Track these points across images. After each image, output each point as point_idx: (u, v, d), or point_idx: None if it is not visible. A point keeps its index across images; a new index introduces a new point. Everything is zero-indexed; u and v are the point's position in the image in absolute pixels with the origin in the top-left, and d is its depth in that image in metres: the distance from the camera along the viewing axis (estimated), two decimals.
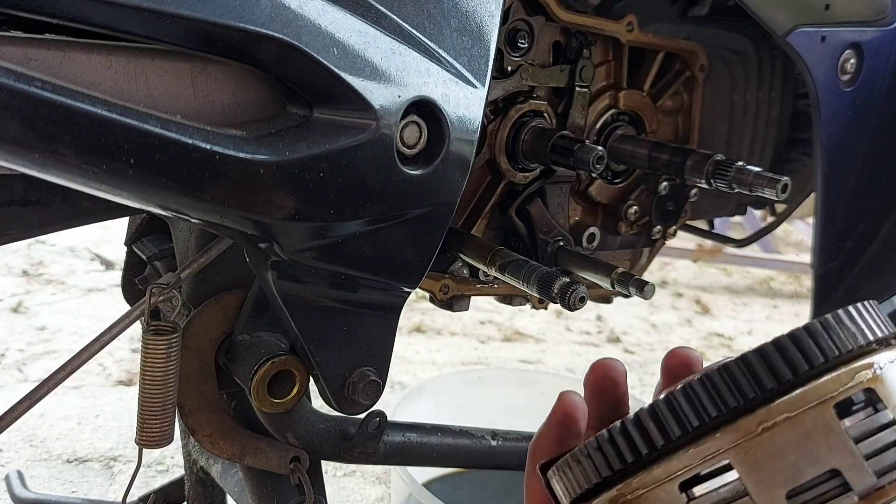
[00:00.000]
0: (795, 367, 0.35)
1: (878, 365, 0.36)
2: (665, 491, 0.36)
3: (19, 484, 1.38)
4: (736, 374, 0.35)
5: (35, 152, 0.45)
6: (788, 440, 0.34)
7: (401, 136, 0.57)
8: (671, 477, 0.36)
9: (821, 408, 0.34)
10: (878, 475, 0.34)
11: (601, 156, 0.78)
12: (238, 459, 0.83)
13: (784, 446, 0.34)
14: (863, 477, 0.33)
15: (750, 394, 0.35)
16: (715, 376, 0.36)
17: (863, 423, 0.35)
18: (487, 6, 0.62)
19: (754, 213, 2.46)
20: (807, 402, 0.34)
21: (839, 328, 0.36)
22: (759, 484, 0.34)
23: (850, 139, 0.96)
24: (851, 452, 0.34)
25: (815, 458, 0.34)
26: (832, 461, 0.34)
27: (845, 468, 0.34)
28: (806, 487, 0.34)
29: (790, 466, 0.34)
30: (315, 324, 0.66)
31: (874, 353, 0.36)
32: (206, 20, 0.48)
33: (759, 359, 0.35)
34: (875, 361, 0.36)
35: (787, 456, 0.34)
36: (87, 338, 0.71)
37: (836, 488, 0.34)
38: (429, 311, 2.93)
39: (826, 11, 0.88)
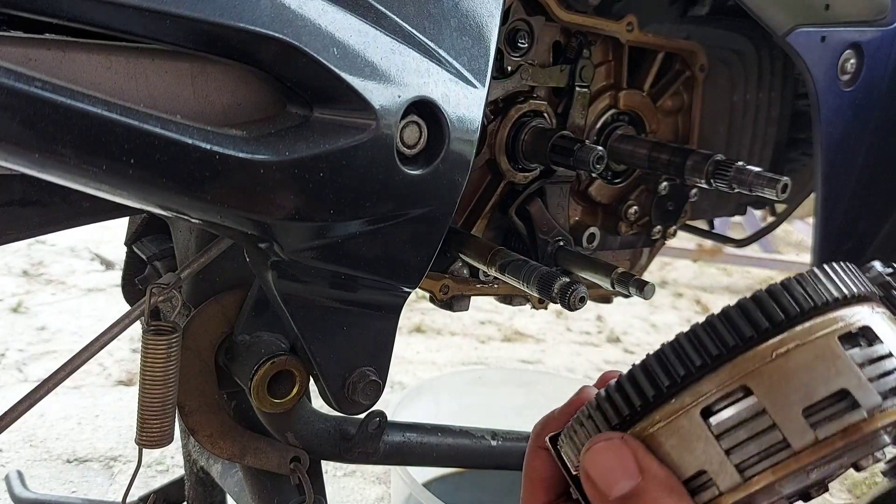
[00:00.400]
0: (802, 305, 0.38)
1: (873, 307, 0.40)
2: (688, 418, 0.38)
3: (19, 484, 1.38)
4: (750, 310, 0.38)
5: (35, 152, 0.45)
6: (801, 364, 0.37)
7: (401, 136, 0.57)
8: (693, 404, 0.38)
9: (827, 337, 0.38)
10: (883, 396, 0.37)
11: (601, 156, 0.78)
12: (238, 459, 0.83)
13: (797, 369, 0.37)
14: (869, 396, 0.37)
15: (763, 325, 0.38)
16: (732, 312, 0.39)
17: (864, 353, 0.38)
18: (487, 6, 0.62)
19: (754, 213, 2.46)
20: (815, 332, 0.38)
21: (838, 275, 0.40)
22: (777, 403, 0.37)
23: (850, 139, 0.96)
24: (857, 375, 0.37)
25: (825, 379, 0.37)
26: (840, 381, 0.37)
27: (853, 388, 0.37)
28: (820, 406, 0.37)
29: (803, 387, 0.37)
30: (315, 324, 0.66)
31: (866, 302, 0.40)
32: (206, 20, 0.48)
33: (770, 296, 0.39)
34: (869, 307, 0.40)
35: (801, 377, 0.37)
36: (87, 338, 0.71)
37: (846, 406, 0.37)
38: (429, 311, 2.93)
39: (826, 11, 0.88)
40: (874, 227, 1.06)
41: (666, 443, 0.39)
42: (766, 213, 1.52)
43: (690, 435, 0.38)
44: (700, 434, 0.38)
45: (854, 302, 0.40)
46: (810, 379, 0.37)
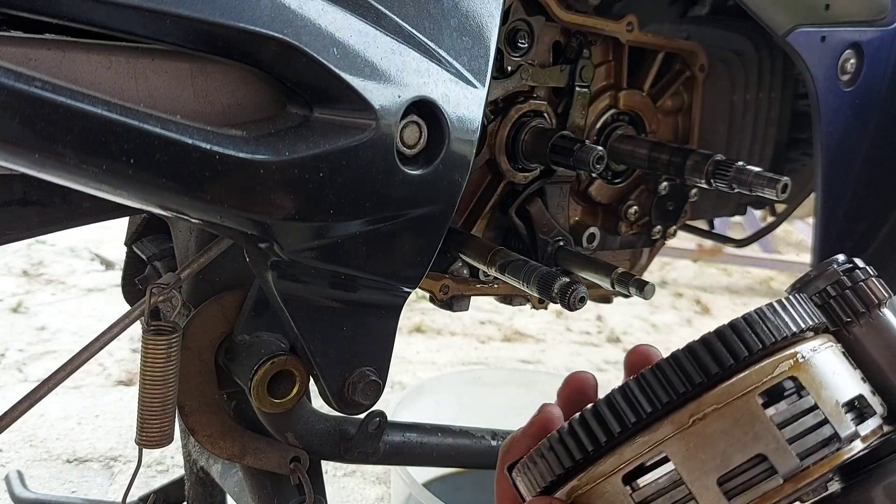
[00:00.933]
0: (721, 361, 0.37)
1: (801, 354, 0.38)
2: (610, 483, 0.39)
3: (19, 484, 1.38)
4: (667, 372, 0.38)
5: (35, 152, 0.45)
6: (717, 430, 0.37)
7: (401, 136, 0.57)
8: (615, 471, 0.38)
9: (746, 398, 0.37)
10: (801, 457, 0.36)
11: (601, 156, 0.78)
12: (238, 459, 0.83)
13: (714, 436, 0.37)
14: (787, 460, 0.36)
15: (681, 388, 0.37)
16: (648, 374, 0.38)
17: (787, 409, 0.37)
18: (487, 6, 0.62)
19: (754, 213, 2.46)
20: (733, 394, 0.37)
21: (763, 322, 0.38)
22: (693, 472, 0.37)
23: (850, 139, 0.96)
24: (775, 437, 0.36)
25: (742, 444, 0.36)
26: (758, 447, 0.36)
27: (770, 452, 0.36)
28: (735, 473, 0.36)
29: (720, 454, 0.36)
30: (315, 324, 0.66)
31: (798, 344, 0.39)
32: (206, 20, 0.48)
33: (688, 355, 0.38)
34: (799, 351, 0.39)
35: (717, 444, 0.36)
36: (87, 338, 0.71)
37: (762, 472, 0.36)
38: (429, 311, 2.93)
39: (826, 11, 0.88)
40: (874, 227, 1.06)
41: None
42: (766, 213, 1.52)
43: (614, 500, 0.39)
44: (622, 501, 0.38)
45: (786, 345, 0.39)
46: (727, 445, 0.36)
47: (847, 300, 0.44)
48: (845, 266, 0.45)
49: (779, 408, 0.37)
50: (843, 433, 0.37)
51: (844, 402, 0.38)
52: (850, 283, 0.44)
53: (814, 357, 0.39)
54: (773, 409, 0.37)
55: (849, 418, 0.38)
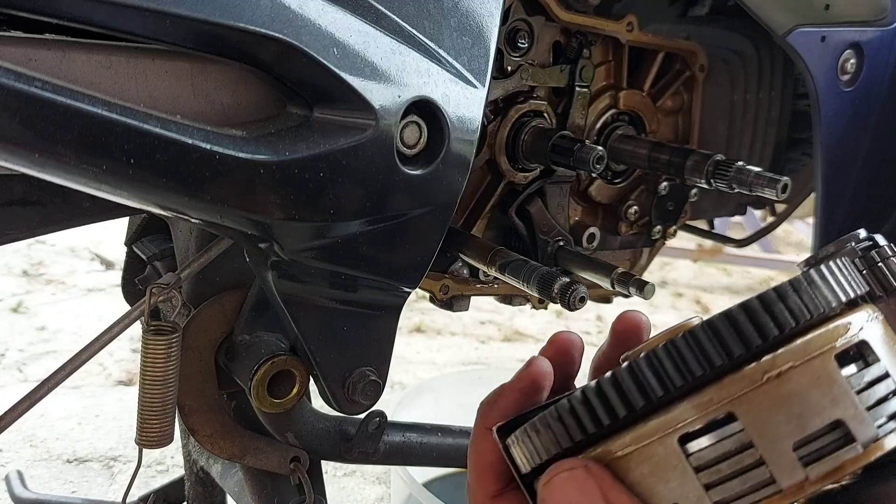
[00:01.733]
0: (797, 315, 0.34)
1: (869, 317, 0.36)
2: (663, 445, 0.34)
3: (19, 484, 1.38)
4: (740, 321, 0.34)
5: (35, 152, 0.45)
6: (794, 390, 0.33)
7: (401, 136, 0.57)
8: (670, 430, 0.34)
9: (823, 357, 0.34)
10: (878, 426, 0.33)
11: (601, 156, 0.78)
12: (238, 459, 0.83)
13: (790, 396, 0.33)
14: (865, 428, 0.33)
15: (755, 341, 0.33)
16: (718, 322, 0.34)
17: (860, 374, 0.34)
18: (487, 6, 0.62)
19: (754, 213, 2.46)
20: (810, 352, 0.33)
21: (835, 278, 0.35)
22: (765, 435, 0.33)
23: (850, 139, 0.96)
24: (854, 404, 0.33)
25: (819, 408, 0.33)
26: (836, 412, 0.33)
27: (849, 419, 0.33)
28: (812, 438, 0.33)
29: (796, 416, 0.33)
30: (315, 324, 0.66)
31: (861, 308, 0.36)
32: (206, 20, 0.48)
33: (762, 306, 0.34)
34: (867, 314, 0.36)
35: (794, 406, 0.33)
36: (87, 338, 0.71)
37: (840, 439, 0.33)
38: (429, 311, 2.93)
39: (826, 11, 0.88)
40: (874, 227, 1.06)
41: (636, 470, 0.34)
42: (766, 213, 1.52)
43: (665, 464, 0.34)
44: (676, 465, 0.34)
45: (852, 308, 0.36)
46: (804, 408, 0.33)
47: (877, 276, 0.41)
48: (867, 242, 0.42)
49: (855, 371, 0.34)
50: None
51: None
52: (878, 259, 0.41)
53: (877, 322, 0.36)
54: (851, 370, 0.34)
55: None
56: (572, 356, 0.48)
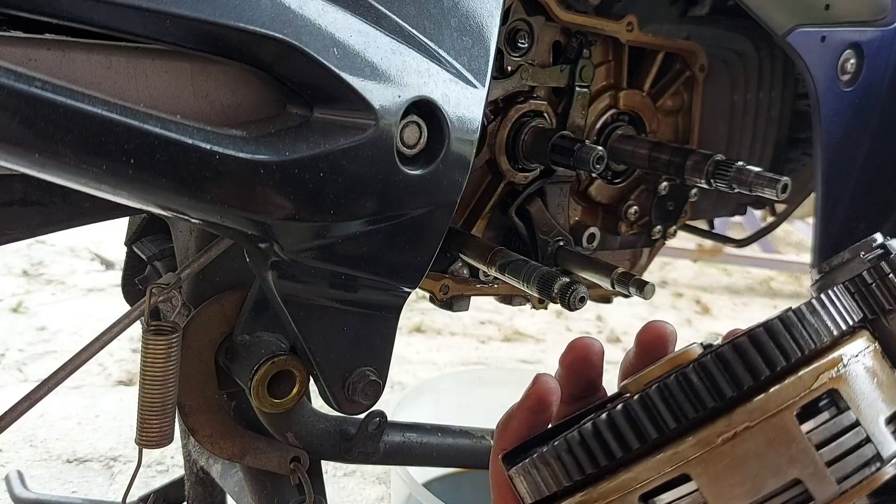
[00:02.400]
0: (756, 372, 0.33)
1: (842, 363, 0.34)
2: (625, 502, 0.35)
3: (19, 484, 1.38)
4: (694, 382, 0.34)
5: (35, 152, 0.45)
6: (749, 451, 0.33)
7: (401, 136, 0.57)
8: (631, 489, 0.35)
9: (782, 415, 0.33)
10: (839, 481, 0.33)
11: (601, 156, 0.78)
12: (238, 459, 0.83)
13: (745, 457, 0.33)
14: (824, 485, 0.32)
15: (709, 402, 0.33)
16: (673, 385, 0.34)
17: (825, 427, 0.33)
18: (487, 6, 0.62)
19: (754, 213, 2.46)
20: (768, 410, 0.33)
21: (802, 324, 0.34)
22: (720, 497, 0.33)
23: (850, 139, 0.96)
24: (813, 461, 0.33)
25: (776, 468, 0.33)
26: (793, 471, 0.33)
27: (807, 477, 0.32)
28: (767, 499, 0.33)
29: (751, 478, 0.33)
30: (315, 324, 0.66)
31: (838, 348, 0.35)
32: (206, 20, 0.48)
33: (718, 364, 0.34)
34: (841, 357, 0.35)
35: (748, 467, 0.33)
36: (87, 338, 0.71)
37: (796, 497, 0.33)
38: (429, 311, 2.93)
39: (826, 11, 0.88)
40: (874, 227, 1.06)
41: None
42: (766, 213, 1.52)
43: None
44: None
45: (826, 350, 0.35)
46: (759, 469, 0.32)
47: (888, 287, 0.39)
48: (880, 250, 0.41)
49: (817, 424, 0.33)
50: (886, 452, 0.33)
51: (889, 415, 0.34)
52: (890, 270, 0.40)
53: (855, 364, 0.35)
54: (810, 425, 0.33)
55: (889, 433, 0.34)
56: (591, 361, 0.49)
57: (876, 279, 0.40)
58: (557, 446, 0.37)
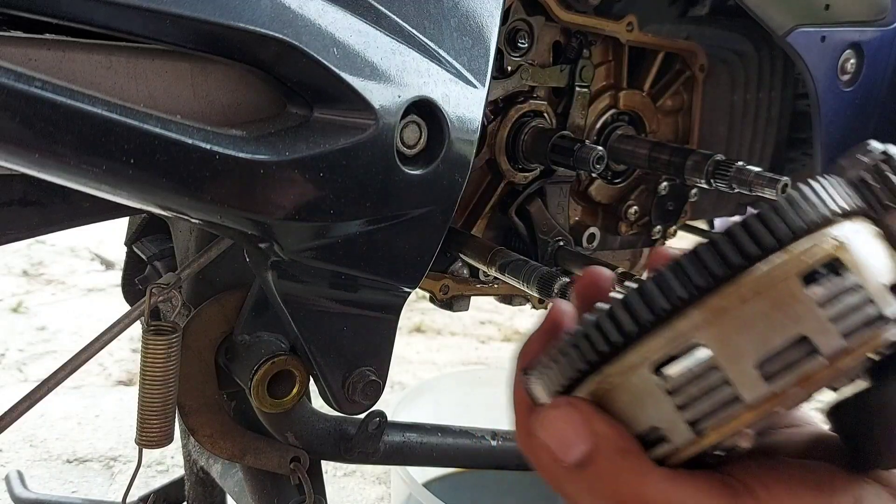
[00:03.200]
0: (762, 244, 0.35)
1: (843, 235, 0.36)
2: (638, 375, 0.36)
3: (19, 484, 1.38)
4: (704, 255, 0.35)
5: (35, 152, 0.45)
6: (756, 313, 0.34)
7: (401, 135, 0.57)
8: (643, 362, 0.36)
9: (787, 280, 0.34)
10: (844, 336, 0.34)
11: (601, 156, 0.78)
12: (238, 459, 0.83)
13: (752, 319, 0.34)
14: (829, 339, 0.34)
15: (719, 272, 0.35)
16: (684, 260, 0.35)
17: (829, 287, 0.35)
18: (487, 6, 0.62)
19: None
20: (773, 277, 0.34)
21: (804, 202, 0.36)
22: (729, 357, 0.35)
23: (850, 139, 0.96)
24: (817, 317, 0.34)
25: (782, 326, 0.34)
26: (799, 327, 0.34)
27: (812, 332, 0.34)
28: (775, 355, 0.34)
29: (758, 337, 0.34)
30: (315, 324, 0.66)
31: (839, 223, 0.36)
32: (206, 20, 0.48)
33: (727, 238, 0.35)
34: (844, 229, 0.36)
35: (756, 327, 0.34)
36: (87, 338, 0.71)
37: (804, 353, 0.34)
38: (429, 311, 2.93)
39: (826, 11, 0.88)
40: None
41: (619, 400, 0.38)
42: None
43: (642, 392, 0.37)
44: (652, 391, 0.36)
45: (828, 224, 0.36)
46: (766, 328, 0.34)
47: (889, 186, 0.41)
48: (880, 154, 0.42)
49: (821, 286, 0.34)
50: (889, 312, 0.35)
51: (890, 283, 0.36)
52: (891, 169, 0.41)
53: (856, 236, 0.36)
54: (815, 287, 0.34)
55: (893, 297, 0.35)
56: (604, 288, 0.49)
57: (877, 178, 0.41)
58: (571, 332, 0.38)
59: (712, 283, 0.35)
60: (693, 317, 0.35)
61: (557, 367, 0.39)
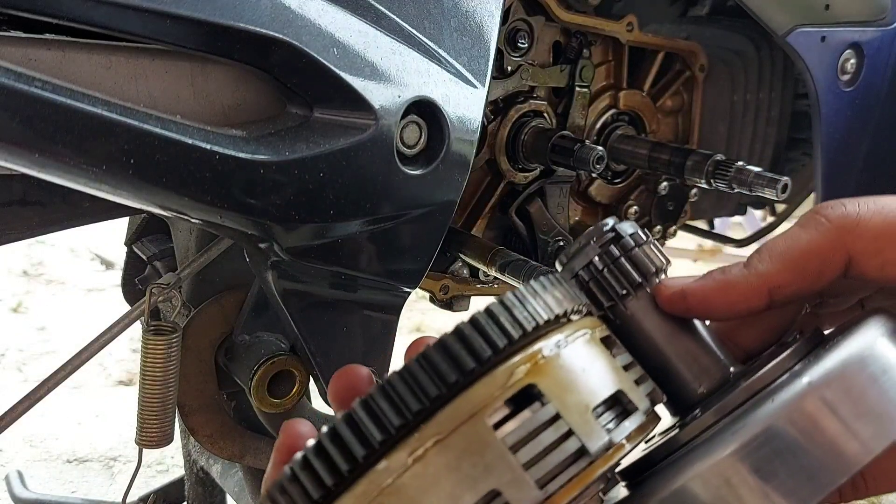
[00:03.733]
0: (443, 378, 0.30)
1: (541, 354, 0.31)
2: None
3: (19, 484, 1.38)
4: (378, 401, 0.30)
5: (35, 152, 0.45)
6: (441, 466, 0.29)
7: (401, 136, 0.57)
8: None
9: (473, 421, 0.30)
10: (541, 485, 0.29)
11: (601, 156, 0.78)
12: (238, 459, 0.83)
13: (437, 475, 0.29)
14: (524, 492, 0.29)
15: (397, 421, 0.30)
16: (358, 408, 0.30)
17: (524, 425, 0.30)
18: (487, 6, 0.62)
19: (754, 213, 2.46)
20: (458, 418, 0.30)
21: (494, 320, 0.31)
22: None
23: (850, 139, 0.96)
24: (509, 466, 0.29)
25: (471, 481, 0.29)
26: (490, 481, 0.29)
27: (504, 486, 0.29)
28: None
29: (446, 497, 0.29)
30: (315, 324, 0.66)
31: (541, 339, 0.32)
32: (206, 20, 0.48)
33: (404, 376, 0.30)
34: (539, 349, 0.31)
35: (442, 485, 0.29)
36: (87, 338, 0.71)
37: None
38: (429, 311, 2.93)
39: (826, 11, 0.88)
40: None
41: None
42: (766, 213, 1.52)
43: None
44: None
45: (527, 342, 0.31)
46: (455, 484, 0.29)
47: (621, 271, 0.38)
48: (610, 234, 0.38)
49: (516, 424, 0.30)
50: (594, 444, 0.30)
51: (597, 403, 0.31)
52: (620, 253, 0.38)
53: (558, 354, 0.31)
54: (510, 426, 0.30)
55: (602, 423, 0.31)
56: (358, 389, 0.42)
57: (608, 264, 0.38)
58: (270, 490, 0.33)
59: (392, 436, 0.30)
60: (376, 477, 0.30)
61: None
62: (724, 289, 0.38)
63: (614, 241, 0.38)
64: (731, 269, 0.39)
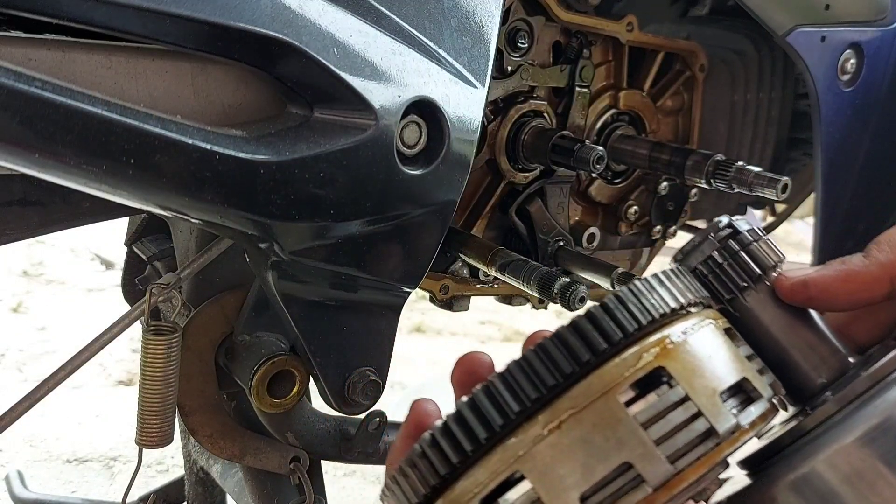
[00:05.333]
0: (577, 357, 0.32)
1: (669, 339, 0.33)
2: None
3: (19, 484, 1.38)
4: (517, 375, 0.32)
5: (35, 152, 0.45)
6: (575, 438, 0.31)
7: (401, 136, 0.57)
8: (471, 496, 0.33)
9: (606, 397, 0.31)
10: (672, 460, 0.31)
11: (601, 156, 0.78)
12: (238, 459, 0.83)
13: (572, 446, 0.31)
14: (655, 466, 0.31)
15: (533, 395, 0.32)
16: (497, 381, 0.33)
17: (654, 405, 0.32)
18: (487, 6, 0.62)
19: (754, 213, 2.46)
20: (591, 394, 0.32)
21: (625, 306, 0.33)
22: (551, 490, 0.31)
23: (850, 139, 0.96)
24: (641, 441, 0.31)
25: (604, 453, 0.31)
26: (622, 454, 0.31)
27: (636, 459, 0.31)
28: (599, 486, 0.31)
29: (580, 467, 0.31)
30: (315, 324, 0.66)
31: (668, 326, 0.34)
32: (206, 20, 0.48)
33: (539, 353, 0.32)
34: (667, 335, 0.33)
35: (576, 456, 0.31)
36: (87, 338, 0.71)
37: (629, 482, 0.31)
38: (429, 311, 2.93)
39: (826, 11, 0.88)
40: (874, 227, 1.06)
41: None
42: (766, 213, 1.52)
43: None
44: None
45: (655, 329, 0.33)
46: (587, 455, 0.31)
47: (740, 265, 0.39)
48: (728, 230, 0.40)
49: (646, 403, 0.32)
50: (722, 426, 0.32)
51: (724, 389, 0.33)
52: (739, 248, 0.39)
53: (686, 341, 0.33)
54: (639, 406, 0.31)
55: (728, 408, 0.32)
56: (480, 375, 0.46)
57: (727, 258, 0.40)
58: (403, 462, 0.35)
59: (529, 406, 0.32)
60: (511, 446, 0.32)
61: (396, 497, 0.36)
62: (845, 278, 0.39)
63: (732, 237, 0.40)
64: (850, 260, 0.40)
